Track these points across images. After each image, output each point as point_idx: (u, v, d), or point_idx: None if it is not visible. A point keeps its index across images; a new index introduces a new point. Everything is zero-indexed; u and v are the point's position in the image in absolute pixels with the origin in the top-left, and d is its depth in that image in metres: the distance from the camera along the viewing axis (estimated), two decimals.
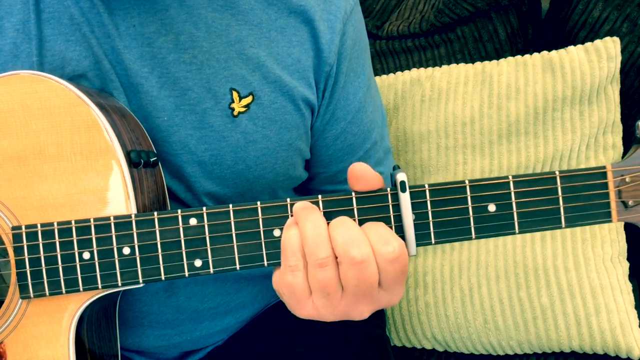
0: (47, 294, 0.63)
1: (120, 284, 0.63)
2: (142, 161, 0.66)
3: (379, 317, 1.02)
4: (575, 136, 1.03)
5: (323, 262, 0.56)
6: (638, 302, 1.02)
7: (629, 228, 1.05)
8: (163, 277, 0.62)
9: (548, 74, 1.04)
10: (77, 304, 0.65)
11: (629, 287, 1.00)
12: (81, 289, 0.63)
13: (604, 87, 1.03)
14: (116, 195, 0.64)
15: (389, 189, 0.60)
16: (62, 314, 0.65)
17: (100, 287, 0.63)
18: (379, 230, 0.57)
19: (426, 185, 0.59)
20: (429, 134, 1.11)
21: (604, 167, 0.59)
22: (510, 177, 0.59)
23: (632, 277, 1.03)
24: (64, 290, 0.63)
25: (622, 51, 1.05)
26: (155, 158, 0.70)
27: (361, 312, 0.59)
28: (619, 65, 1.02)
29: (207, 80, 0.73)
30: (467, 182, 0.59)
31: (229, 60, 0.74)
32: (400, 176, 0.58)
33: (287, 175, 0.81)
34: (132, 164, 0.65)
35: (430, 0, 1.23)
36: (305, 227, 0.57)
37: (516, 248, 1.03)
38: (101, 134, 0.65)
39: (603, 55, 1.02)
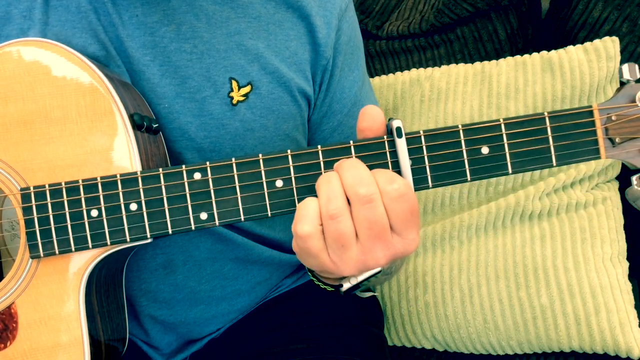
0: (57, 252, 0.65)
1: (128, 239, 0.64)
2: (145, 125, 0.68)
3: (376, 317, 1.02)
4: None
5: (335, 213, 0.57)
6: (638, 302, 1.01)
7: (629, 228, 1.05)
8: (170, 230, 0.64)
9: (547, 74, 1.04)
10: (87, 262, 0.66)
11: (628, 286, 1.00)
12: (90, 246, 0.64)
13: (603, 86, 1.03)
14: (121, 155, 0.66)
15: (385, 137, 0.61)
16: (73, 272, 0.67)
17: (109, 243, 0.64)
18: (385, 172, 0.59)
19: (421, 131, 0.61)
20: None
21: (590, 107, 0.61)
22: (501, 120, 0.61)
23: (632, 277, 1.03)
24: (73, 247, 0.64)
25: (622, 51, 1.05)
26: (157, 125, 0.71)
27: (377, 258, 0.59)
28: (618, 65, 1.02)
29: (207, 70, 0.75)
30: (460, 126, 0.61)
31: (229, 50, 0.76)
32: (396, 123, 0.60)
33: None
34: (136, 125, 0.67)
35: (430, 1, 1.24)
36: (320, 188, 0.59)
37: (516, 248, 1.03)
38: (105, 96, 0.66)
39: (602, 55, 1.02)
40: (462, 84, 1.10)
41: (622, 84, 0.62)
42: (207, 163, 0.62)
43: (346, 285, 0.62)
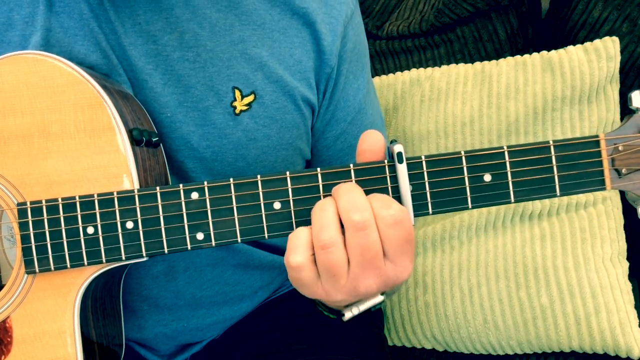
0: (52, 268, 0.64)
1: (124, 258, 0.64)
2: (144, 139, 0.67)
3: (376, 317, 1.03)
4: (575, 136, 1.03)
5: (325, 243, 0.57)
6: (638, 302, 1.01)
7: (629, 228, 1.05)
8: (166, 250, 0.63)
9: (547, 74, 1.04)
10: (82, 278, 0.66)
11: (628, 286, 1.00)
12: (86, 263, 0.64)
13: (604, 86, 1.03)
14: (119, 172, 0.65)
15: (386, 161, 0.61)
16: (68, 288, 0.66)
17: (104, 261, 0.64)
18: (381, 197, 0.58)
19: (422, 157, 0.61)
20: (429, 134, 1.11)
21: (597, 136, 0.60)
22: (505, 147, 0.60)
23: (632, 277, 1.03)
24: (68, 264, 0.64)
25: (622, 51, 1.05)
26: (157, 139, 0.71)
27: (368, 285, 0.59)
28: (618, 65, 1.02)
29: (210, 79, 0.75)
30: (462, 152, 0.61)
31: (232, 59, 0.75)
32: (397, 148, 0.59)
33: None
34: (135, 141, 0.66)
35: (430, 1, 1.24)
36: (314, 212, 0.59)
37: (516, 248, 1.03)
38: (104, 111, 0.66)
39: (602, 55, 1.02)
40: (462, 84, 1.10)
41: (631, 112, 0.61)
42: (205, 183, 0.62)
43: (348, 315, 0.63)
